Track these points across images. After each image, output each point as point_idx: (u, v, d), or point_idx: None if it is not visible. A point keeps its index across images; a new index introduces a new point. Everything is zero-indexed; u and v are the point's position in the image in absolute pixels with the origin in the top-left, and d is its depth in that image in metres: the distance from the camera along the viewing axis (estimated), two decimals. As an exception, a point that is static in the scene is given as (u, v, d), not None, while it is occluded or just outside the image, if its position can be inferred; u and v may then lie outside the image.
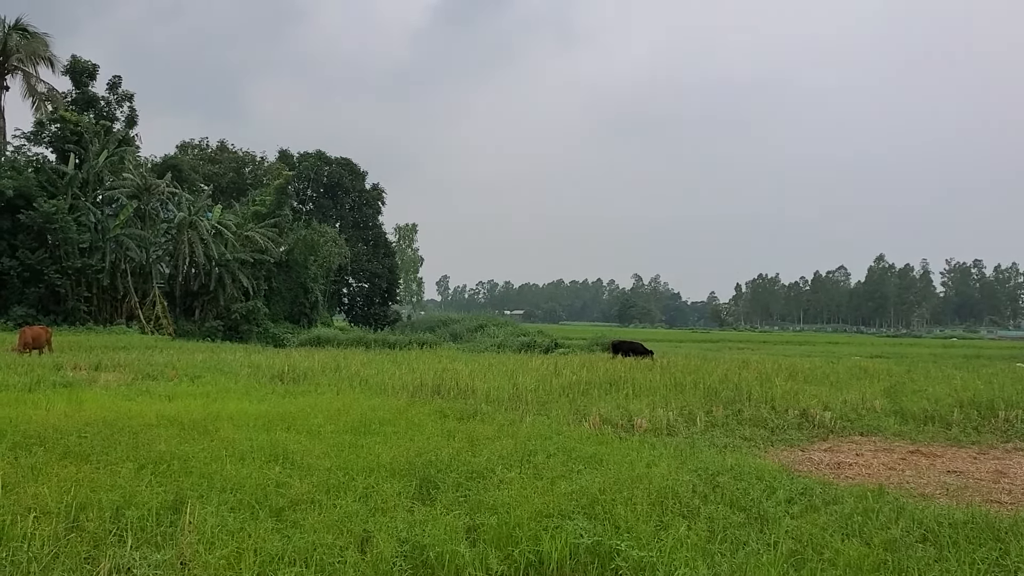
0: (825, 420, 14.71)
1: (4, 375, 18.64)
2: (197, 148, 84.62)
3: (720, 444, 12.19)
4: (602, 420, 13.75)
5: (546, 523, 6.89)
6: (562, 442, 11.01)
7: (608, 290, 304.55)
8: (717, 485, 8.73)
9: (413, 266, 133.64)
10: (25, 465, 8.40)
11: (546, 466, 9.32)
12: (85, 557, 5.82)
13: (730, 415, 15.19)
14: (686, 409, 15.37)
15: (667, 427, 13.54)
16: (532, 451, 10.12)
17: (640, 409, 14.92)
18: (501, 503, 7.44)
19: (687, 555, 6.28)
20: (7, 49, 54.84)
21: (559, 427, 12.75)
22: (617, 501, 7.62)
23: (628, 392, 17.90)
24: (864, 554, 6.41)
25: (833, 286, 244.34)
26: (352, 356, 29.11)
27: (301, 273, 61.97)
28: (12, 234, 47.16)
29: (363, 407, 14.10)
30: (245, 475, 8.28)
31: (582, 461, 9.70)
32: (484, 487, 8.22)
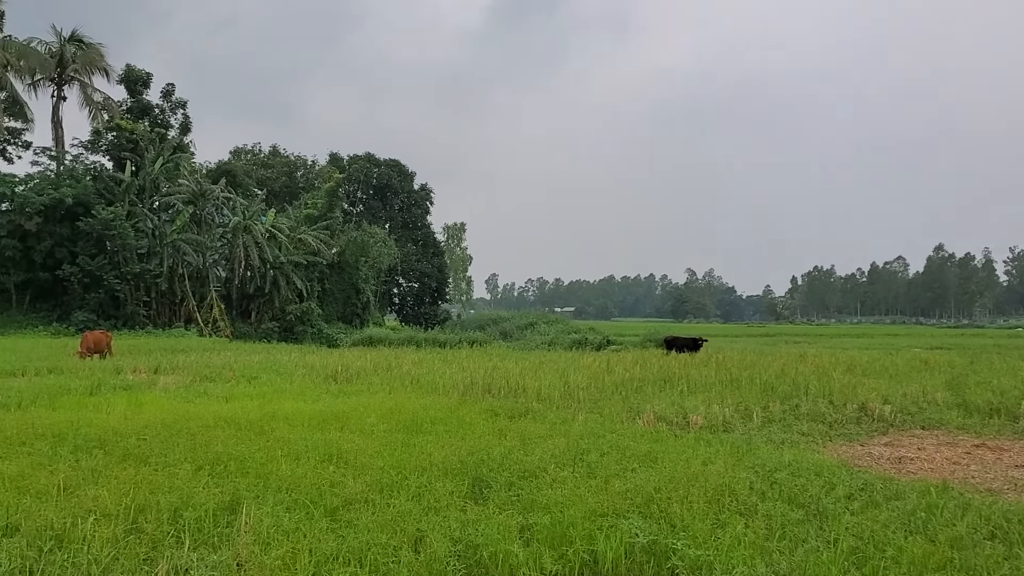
0: (885, 414, 14.38)
1: (66, 379, 19.07)
2: (250, 153, 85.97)
3: (777, 440, 11.98)
4: (656, 417, 13.61)
5: (600, 522, 6.82)
6: (615, 440, 10.91)
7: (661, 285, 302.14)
8: (775, 482, 8.57)
9: (462, 265, 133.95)
10: (86, 468, 8.55)
11: (599, 464, 9.24)
12: (144, 559, 5.89)
13: (787, 410, 14.94)
14: (742, 405, 15.16)
15: (723, 423, 13.36)
16: (585, 449, 10.04)
17: (695, 406, 14.75)
18: (554, 502, 7.38)
19: (745, 553, 6.17)
20: (64, 60, 56.16)
21: (612, 425, 12.66)
22: (673, 499, 7.51)
23: (683, 388, 17.70)
24: (929, 552, 6.23)
25: (891, 277, 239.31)
26: (403, 355, 29.26)
27: (353, 274, 62.52)
28: (72, 241, 48.32)
29: (415, 406, 14.13)
30: (300, 475, 8.33)
31: (636, 459, 9.59)
32: (537, 486, 8.16)
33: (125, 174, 51.92)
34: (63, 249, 48.12)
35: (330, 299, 60.41)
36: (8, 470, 8.27)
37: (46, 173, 53.17)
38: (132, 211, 50.31)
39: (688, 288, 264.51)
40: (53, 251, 47.96)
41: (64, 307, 48.08)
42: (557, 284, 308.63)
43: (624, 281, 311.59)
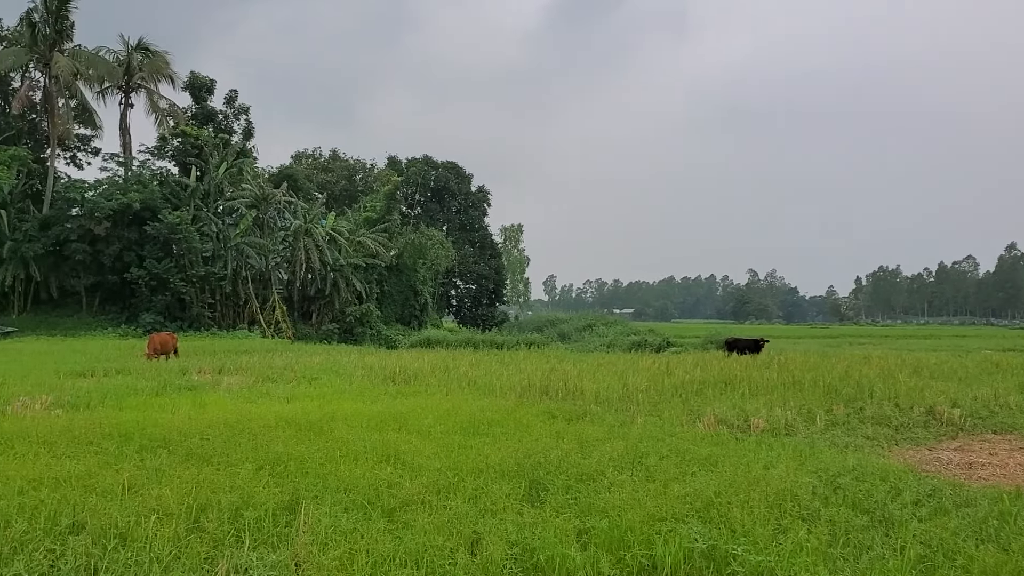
0: (954, 417, 13.97)
1: (134, 380, 19.52)
2: (311, 158, 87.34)
3: (841, 444, 11.73)
4: (717, 420, 13.41)
5: (659, 527, 6.73)
6: (675, 443, 10.76)
7: (722, 286, 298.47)
8: (838, 487, 8.38)
9: (519, 266, 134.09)
10: (150, 467, 8.71)
11: (658, 468, 9.13)
12: (204, 558, 5.96)
13: (851, 413, 14.61)
14: (805, 408, 14.87)
15: (785, 427, 13.11)
16: (644, 453, 9.92)
17: (757, 408, 14.50)
18: (612, 506, 7.30)
19: (807, 560, 6.05)
20: (131, 68, 57.65)
21: (672, 428, 12.51)
22: (733, 504, 7.39)
23: (744, 391, 17.42)
24: (1001, 561, 6.02)
25: (959, 277, 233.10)
26: (461, 357, 29.35)
27: (411, 276, 63.01)
28: (140, 245, 49.53)
29: (472, 408, 14.14)
30: (358, 475, 8.37)
31: (696, 463, 9.45)
32: (594, 490, 8.09)
33: (190, 179, 53.10)
34: (131, 253, 49.35)
35: (388, 301, 60.96)
36: (76, 469, 8.47)
37: (115, 179, 54.64)
38: (197, 215, 51.40)
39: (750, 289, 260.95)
40: (121, 255, 49.22)
41: (132, 309, 49.29)
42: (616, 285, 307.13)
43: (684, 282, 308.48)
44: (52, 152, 55.94)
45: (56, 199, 52.74)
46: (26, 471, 8.31)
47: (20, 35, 54.53)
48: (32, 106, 58.45)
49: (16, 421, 12.27)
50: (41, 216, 50.67)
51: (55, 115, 54.51)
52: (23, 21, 53.08)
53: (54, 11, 51.91)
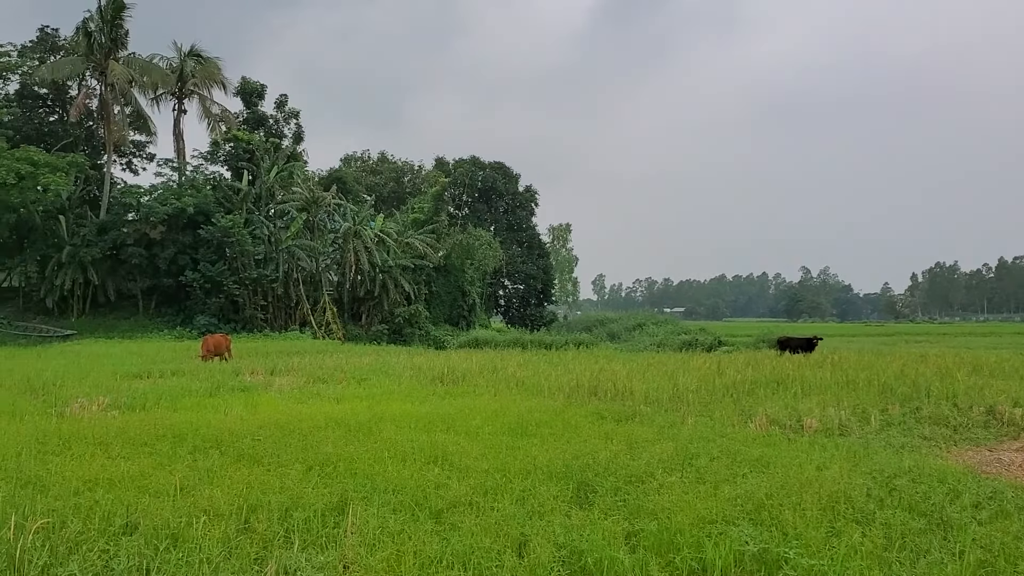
0: (1016, 417, 13.58)
1: (188, 381, 19.84)
2: (359, 160, 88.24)
3: (897, 444, 11.47)
4: (769, 421, 13.22)
5: (709, 529, 6.66)
6: (726, 444, 10.62)
7: (774, 284, 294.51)
8: (894, 488, 8.19)
9: (568, 266, 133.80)
10: (202, 468, 8.83)
11: (709, 470, 9.01)
12: (254, 558, 6.02)
13: (907, 413, 14.29)
14: (859, 407, 14.58)
15: (839, 427, 12.88)
16: (694, 454, 9.81)
17: (810, 408, 14.26)
18: (661, 508, 7.23)
19: (861, 564, 5.94)
20: (184, 75, 58.68)
21: (723, 429, 12.35)
22: (785, 506, 7.27)
23: (796, 391, 17.14)
24: (1068, 567, 5.81)
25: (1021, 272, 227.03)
26: (509, 357, 29.31)
27: (459, 277, 63.20)
28: (194, 248, 50.41)
29: (520, 408, 14.11)
30: (406, 476, 8.40)
31: (747, 464, 9.32)
32: (643, 491, 8.02)
33: (242, 183, 53.91)
34: (185, 256, 50.24)
35: (437, 301, 61.21)
36: (130, 470, 8.63)
37: (169, 184, 55.67)
38: (249, 219, 52.15)
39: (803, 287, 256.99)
40: (176, 258, 50.12)
41: (187, 311, 50.18)
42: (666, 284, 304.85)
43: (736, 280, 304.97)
44: (108, 158, 57.17)
45: (113, 204, 53.91)
46: (82, 472, 8.48)
47: (77, 44, 55.83)
48: (89, 113, 59.76)
49: (74, 422, 12.54)
50: (98, 221, 51.84)
51: (111, 122, 55.68)
52: (79, 31, 54.35)
53: (109, 20, 53.03)
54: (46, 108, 62.79)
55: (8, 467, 8.70)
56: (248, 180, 54.36)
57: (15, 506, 6.64)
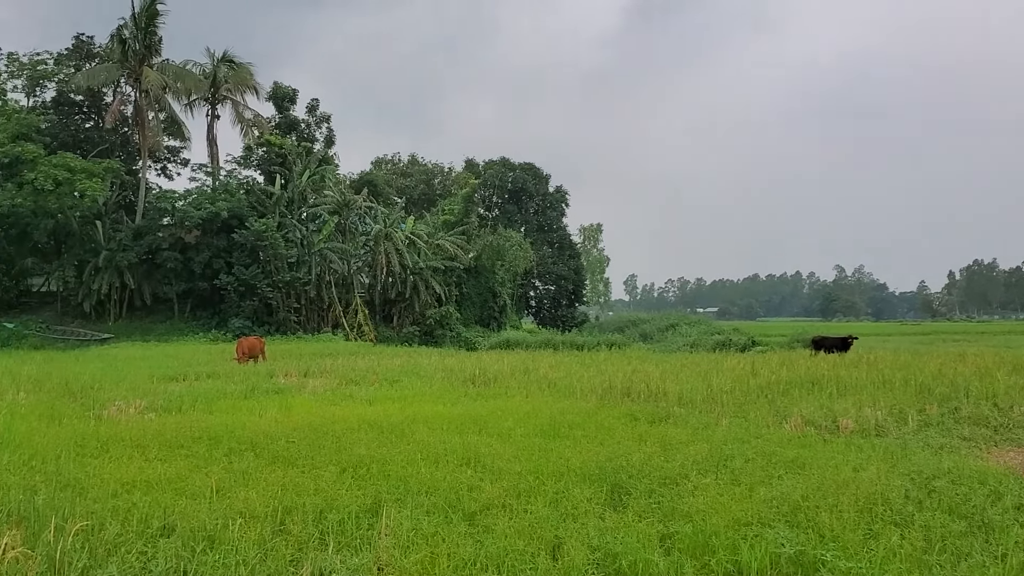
0: (1059, 418, 13.31)
1: (223, 383, 20.06)
2: (390, 163, 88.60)
3: (935, 445, 11.28)
4: (804, 421, 13.09)
5: (745, 531, 6.60)
6: (761, 446, 10.52)
7: (808, 283, 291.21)
8: (933, 490, 8.06)
9: (599, 266, 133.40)
10: (238, 470, 8.91)
11: (744, 471, 8.94)
12: (290, 560, 6.05)
13: (946, 413, 14.06)
14: (896, 408, 14.37)
15: (875, 428, 12.71)
16: (728, 455, 9.73)
17: (845, 409, 14.09)
18: (696, 510, 7.18)
19: (900, 567, 5.86)
20: (217, 80, 59.35)
21: (757, 430, 12.24)
22: (821, 508, 7.19)
23: (832, 391, 16.93)
24: (1115, 571, 5.68)
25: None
26: (540, 358, 29.27)
27: (489, 278, 63.26)
28: (228, 252, 50.95)
29: (552, 410, 14.09)
30: (439, 478, 8.42)
31: (783, 466, 9.23)
32: (678, 493, 7.97)
33: (275, 187, 54.41)
34: (220, 260, 50.80)
35: (468, 303, 61.32)
36: (167, 472, 8.73)
37: (203, 188, 56.35)
38: (282, 222, 52.62)
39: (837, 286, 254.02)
40: (211, 262, 50.70)
41: (222, 315, 50.73)
42: (699, 284, 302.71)
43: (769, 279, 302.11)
44: (143, 164, 57.90)
45: (148, 209, 54.63)
46: (120, 474, 8.59)
47: (111, 51, 56.60)
48: (124, 120, 60.61)
49: (111, 425, 12.72)
50: (134, 226, 52.55)
51: (145, 128, 56.40)
52: (114, 38, 55.08)
53: (143, 27, 53.70)
54: (82, 115, 63.76)
55: (47, 469, 8.83)
56: (281, 184, 54.84)
57: (55, 508, 6.73)
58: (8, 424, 11.95)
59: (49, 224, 49.31)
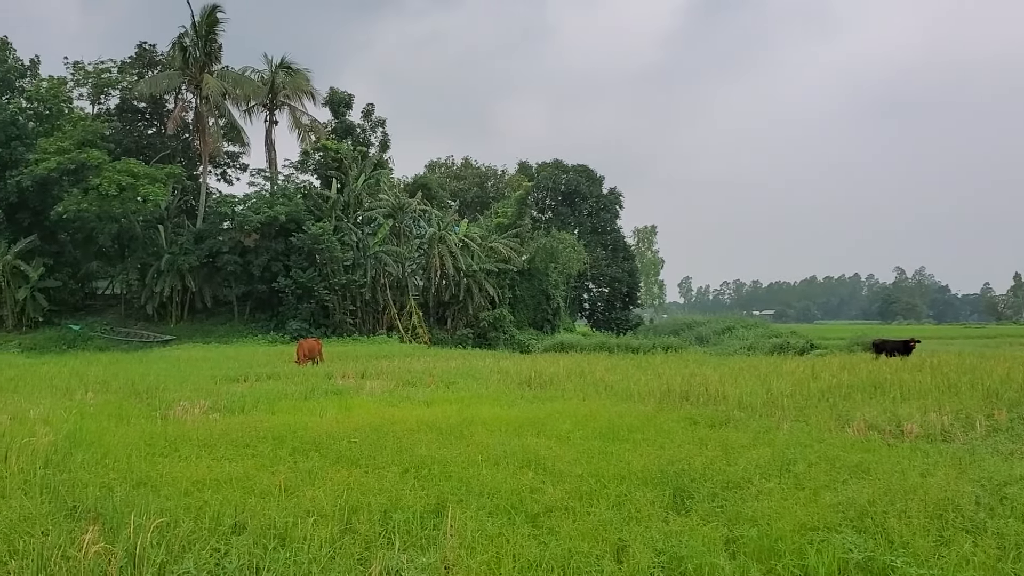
0: None
1: (283, 384, 20.39)
2: (443, 166, 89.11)
3: (1005, 451, 11.01)
4: (867, 426, 12.87)
5: (811, 536, 6.54)
6: (823, 450, 10.37)
7: (867, 285, 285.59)
8: (1005, 497, 7.88)
9: (653, 269, 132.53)
10: (303, 469, 9.07)
11: (807, 476, 8.83)
12: (358, 559, 6.15)
13: (1015, 419, 13.71)
14: (962, 413, 14.06)
15: (941, 433, 12.45)
16: (791, 460, 9.61)
17: (909, 413, 13.81)
18: (761, 514, 7.12)
19: (973, 574, 5.73)
20: (275, 87, 60.23)
21: (819, 434, 12.07)
22: (889, 513, 7.08)
23: (895, 395, 16.62)
24: None
25: None
26: (596, 361, 29.17)
27: (543, 280, 63.19)
28: (286, 255, 51.70)
29: (610, 413, 14.06)
30: (500, 480, 8.46)
31: (847, 470, 9.10)
32: (741, 497, 7.91)
33: (331, 191, 55.06)
34: (278, 263, 51.56)
35: (521, 305, 61.33)
36: (235, 471, 8.92)
37: (262, 193, 57.24)
38: (338, 226, 53.21)
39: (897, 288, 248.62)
40: (269, 265, 51.47)
41: (279, 317, 51.47)
42: (755, 286, 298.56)
43: (827, 282, 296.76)
44: (204, 169, 59.07)
45: (208, 213, 55.73)
46: (189, 473, 8.80)
47: (173, 59, 57.80)
48: (185, 126, 61.89)
49: (178, 425, 13.02)
50: (195, 230, 53.63)
51: (206, 134, 57.52)
52: (175, 46, 56.23)
53: (203, 35, 54.80)
54: (145, 121, 65.32)
55: (120, 468, 9.08)
56: (337, 188, 55.47)
57: (132, 505, 6.93)
58: (79, 424, 12.31)
59: (113, 228, 50.62)
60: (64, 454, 9.71)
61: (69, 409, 14.56)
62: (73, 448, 10.08)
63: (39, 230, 51.39)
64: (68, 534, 6.28)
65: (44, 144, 50.22)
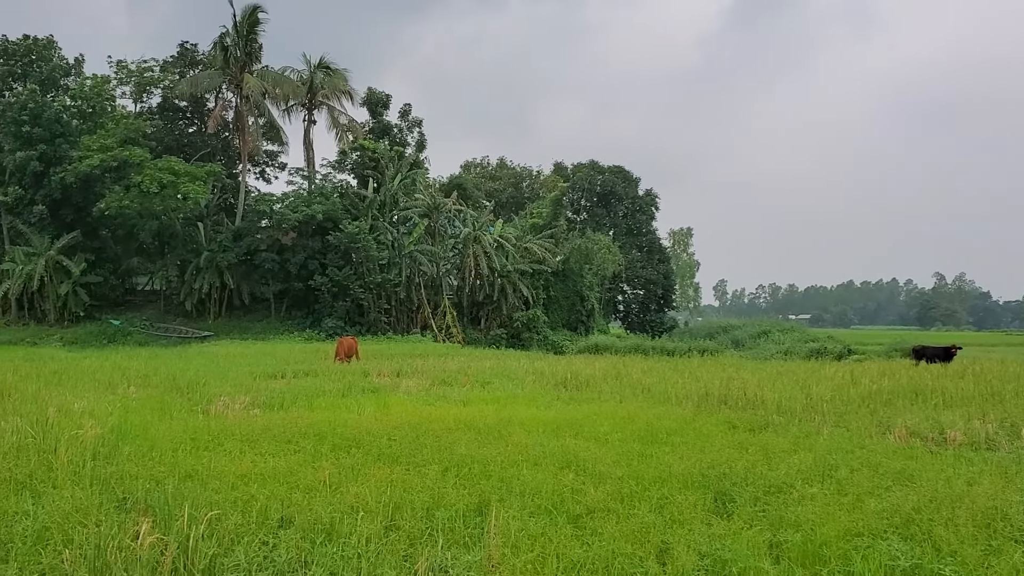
0: None
1: (320, 382, 20.56)
2: (479, 167, 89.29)
3: (1054, 461, 10.81)
4: (909, 432, 12.71)
5: (856, 542, 6.50)
6: (865, 456, 10.27)
7: (905, 290, 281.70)
8: (1055, 507, 7.74)
9: (689, 271, 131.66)
10: (346, 466, 9.15)
11: (850, 481, 8.77)
12: (403, 556, 6.21)
13: (1063, 428, 13.45)
14: (1007, 421, 13.82)
15: (985, 441, 12.25)
16: (833, 465, 9.53)
17: (952, 421, 13.62)
18: (804, 519, 7.09)
19: (1025, 585, 5.64)
20: (313, 86, 60.76)
21: (860, 440, 11.94)
22: (936, 521, 7.01)
23: (937, 402, 16.40)
24: None
25: None
26: (631, 363, 29.02)
27: (577, 281, 63.12)
28: (323, 254, 52.16)
29: (648, 416, 14.02)
30: (540, 480, 8.48)
31: (890, 477, 9.01)
32: (783, 502, 7.87)
33: (368, 190, 55.48)
34: (314, 261, 52.04)
35: (555, 306, 61.30)
36: (279, 466, 9.03)
37: (299, 192, 57.81)
38: (374, 225, 53.58)
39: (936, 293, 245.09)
40: (306, 263, 51.96)
41: (315, 314, 51.94)
42: (791, 290, 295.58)
43: (864, 286, 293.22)
44: (243, 167, 59.77)
45: (247, 212, 56.39)
46: (235, 467, 8.93)
47: (214, 59, 58.56)
48: (225, 125, 62.63)
49: (220, 420, 13.19)
50: (234, 228, 54.29)
51: (246, 133, 58.18)
52: (216, 45, 56.94)
53: (244, 35, 55.42)
54: (186, 120, 66.27)
55: (166, 461, 9.23)
56: (373, 187, 55.88)
57: (182, 498, 7.04)
58: (123, 417, 12.51)
59: (154, 225, 51.39)
60: (111, 447, 9.87)
61: (113, 403, 14.79)
62: (119, 441, 10.24)
63: (82, 226, 52.37)
64: (120, 526, 6.40)
65: (87, 142, 51.17)
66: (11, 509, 7.06)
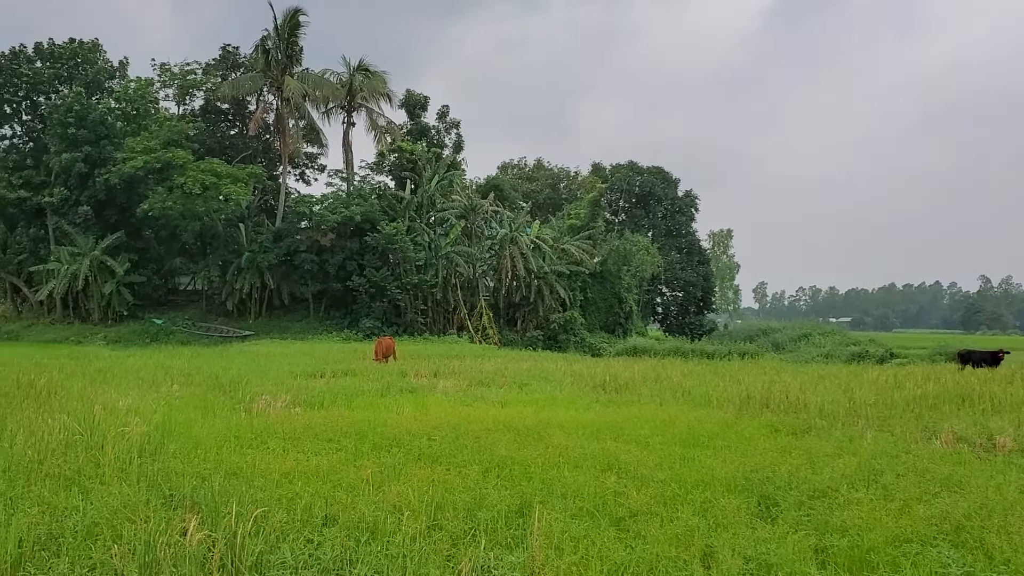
0: None
1: (359, 381, 20.68)
2: (516, 168, 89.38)
3: (1109, 468, 10.54)
4: (956, 438, 12.46)
5: (904, 549, 6.39)
6: (912, 461, 10.08)
7: (948, 294, 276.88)
8: (1110, 517, 7.54)
9: (729, 273, 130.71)
10: (388, 465, 9.19)
11: (896, 487, 8.62)
12: (447, 556, 6.21)
13: (1116, 436, 13.11)
14: (1060, 427, 13.50)
15: (1037, 447, 11.97)
16: (879, 470, 9.38)
17: (1002, 427, 13.32)
18: (850, 524, 7.00)
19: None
20: (353, 89, 61.19)
21: (906, 445, 11.73)
22: (987, 529, 6.87)
23: (985, 407, 16.04)
24: None
25: None
26: (671, 366, 28.80)
27: (615, 283, 62.90)
28: (360, 255, 52.54)
29: (689, 419, 13.91)
30: (582, 483, 8.45)
31: (938, 482, 8.84)
32: (828, 507, 7.77)
33: (405, 192, 55.78)
34: (352, 262, 52.44)
35: (592, 308, 61.13)
36: (321, 464, 9.10)
37: (338, 193, 58.33)
38: (411, 226, 53.87)
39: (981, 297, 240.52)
40: (344, 264, 52.39)
41: (353, 315, 52.34)
42: (832, 292, 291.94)
43: (906, 289, 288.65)
44: (283, 169, 60.35)
45: (287, 213, 56.95)
46: (279, 465, 9.01)
47: (255, 61, 59.27)
48: (266, 127, 63.37)
49: (263, 418, 13.32)
50: (274, 229, 54.86)
51: (286, 135, 58.75)
52: (257, 48, 57.60)
53: (285, 38, 55.98)
54: (227, 122, 67.18)
55: (211, 458, 9.33)
56: (411, 189, 56.18)
57: (229, 495, 7.11)
58: (168, 415, 12.67)
59: (196, 226, 52.16)
60: (157, 444, 10.00)
61: (157, 401, 14.98)
62: (165, 438, 10.37)
63: (125, 227, 53.26)
64: (167, 522, 6.48)
65: (131, 143, 52.06)
66: (61, 504, 7.18)
